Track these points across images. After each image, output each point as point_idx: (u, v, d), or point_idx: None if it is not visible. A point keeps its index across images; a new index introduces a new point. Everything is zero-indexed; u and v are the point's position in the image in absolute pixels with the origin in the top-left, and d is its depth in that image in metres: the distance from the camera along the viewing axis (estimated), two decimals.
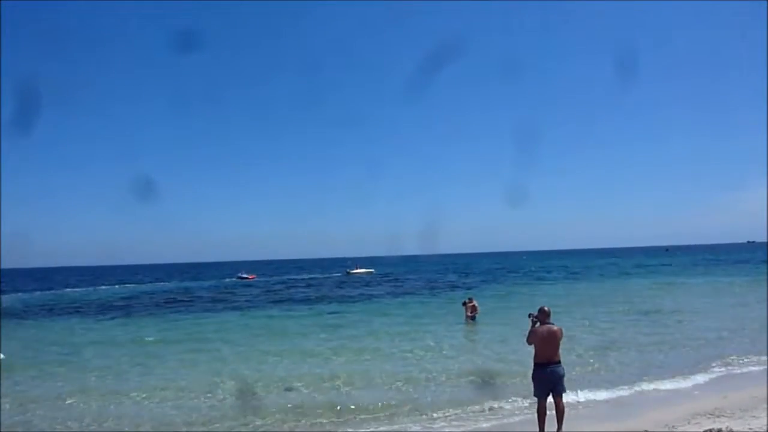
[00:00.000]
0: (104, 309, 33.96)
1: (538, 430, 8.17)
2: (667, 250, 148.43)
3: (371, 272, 75.56)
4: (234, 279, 68.81)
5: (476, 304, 22.13)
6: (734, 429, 7.62)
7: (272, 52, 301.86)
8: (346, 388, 11.80)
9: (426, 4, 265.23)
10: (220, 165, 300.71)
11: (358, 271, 75.62)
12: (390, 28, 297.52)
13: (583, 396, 10.43)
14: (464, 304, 22.43)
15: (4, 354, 16.08)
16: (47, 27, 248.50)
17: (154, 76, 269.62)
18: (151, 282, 69.32)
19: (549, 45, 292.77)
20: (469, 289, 41.13)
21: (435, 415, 9.73)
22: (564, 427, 8.20)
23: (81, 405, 11.08)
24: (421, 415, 9.79)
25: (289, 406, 10.62)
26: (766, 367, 12.67)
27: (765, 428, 7.69)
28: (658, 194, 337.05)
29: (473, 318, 21.66)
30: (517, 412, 9.65)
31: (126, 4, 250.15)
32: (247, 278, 68.00)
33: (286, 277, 73.89)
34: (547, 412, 8.18)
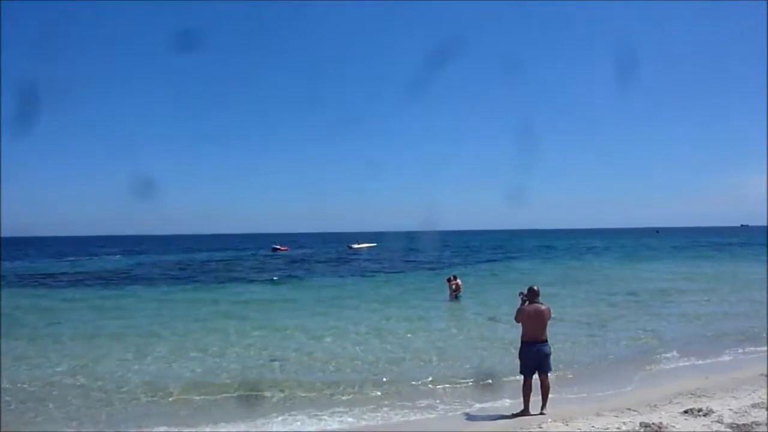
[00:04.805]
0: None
1: (523, 407, 8.33)
2: (658, 232, 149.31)
3: (373, 246, 76.89)
4: (269, 251, 71.41)
5: (460, 283, 22.20)
6: (714, 409, 7.79)
7: (273, 51, 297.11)
8: (320, 365, 11.80)
9: (426, 4, 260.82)
10: (220, 164, 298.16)
11: (360, 246, 76.48)
12: (391, 28, 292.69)
13: (567, 374, 10.60)
14: (449, 281, 22.57)
15: None
16: (48, 26, 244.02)
17: (155, 75, 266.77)
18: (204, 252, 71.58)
19: (548, 41, 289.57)
20: (462, 266, 41.40)
21: (418, 393, 9.70)
22: (548, 405, 8.37)
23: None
24: (403, 393, 9.74)
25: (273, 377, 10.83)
26: (748, 350, 12.92)
27: (744, 408, 7.86)
28: (653, 177, 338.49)
29: (456, 296, 21.84)
30: (502, 389, 9.73)
31: (127, 4, 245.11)
32: (280, 249, 71.35)
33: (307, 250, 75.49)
34: (532, 390, 8.34)
